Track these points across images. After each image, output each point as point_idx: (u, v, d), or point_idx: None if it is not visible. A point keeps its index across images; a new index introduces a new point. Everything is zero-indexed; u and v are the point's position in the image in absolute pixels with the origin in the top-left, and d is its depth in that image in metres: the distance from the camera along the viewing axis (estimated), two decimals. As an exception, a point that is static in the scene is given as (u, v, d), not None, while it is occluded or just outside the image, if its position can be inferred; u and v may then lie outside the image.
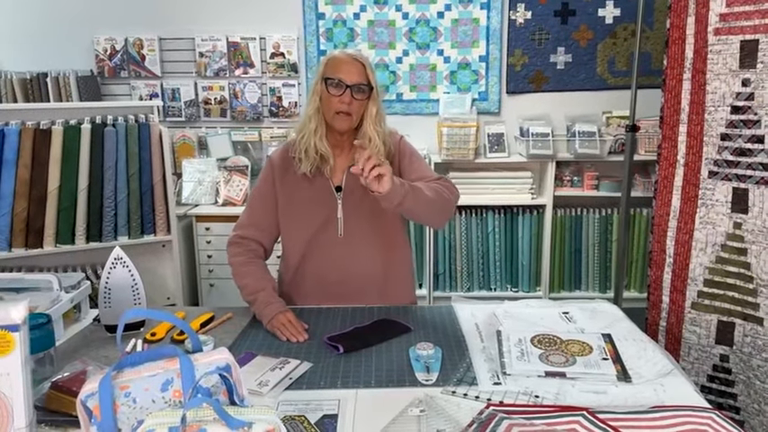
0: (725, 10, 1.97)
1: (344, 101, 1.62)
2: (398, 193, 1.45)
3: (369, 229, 1.74)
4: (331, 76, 1.64)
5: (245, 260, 1.72)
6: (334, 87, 1.63)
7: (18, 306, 0.95)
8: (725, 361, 2.10)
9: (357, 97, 1.64)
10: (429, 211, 1.59)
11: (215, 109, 3.49)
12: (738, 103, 1.97)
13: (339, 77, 1.62)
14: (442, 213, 1.64)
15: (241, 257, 1.73)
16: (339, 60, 1.66)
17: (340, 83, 1.62)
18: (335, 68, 1.64)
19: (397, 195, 1.44)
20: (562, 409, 1.17)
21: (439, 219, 1.69)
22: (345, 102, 1.62)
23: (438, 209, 1.61)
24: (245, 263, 1.72)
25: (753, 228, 1.97)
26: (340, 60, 1.66)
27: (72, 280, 1.64)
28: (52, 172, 2.45)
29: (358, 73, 1.64)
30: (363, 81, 1.65)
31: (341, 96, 1.62)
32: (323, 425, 1.13)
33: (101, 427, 0.90)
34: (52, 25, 3.41)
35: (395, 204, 1.46)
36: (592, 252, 3.35)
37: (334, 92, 1.63)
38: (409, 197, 1.48)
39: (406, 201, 1.47)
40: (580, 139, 3.15)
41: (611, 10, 3.29)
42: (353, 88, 1.62)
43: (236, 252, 1.74)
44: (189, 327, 1.06)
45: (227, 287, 3.17)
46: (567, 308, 1.69)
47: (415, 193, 1.50)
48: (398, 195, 1.45)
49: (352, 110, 1.64)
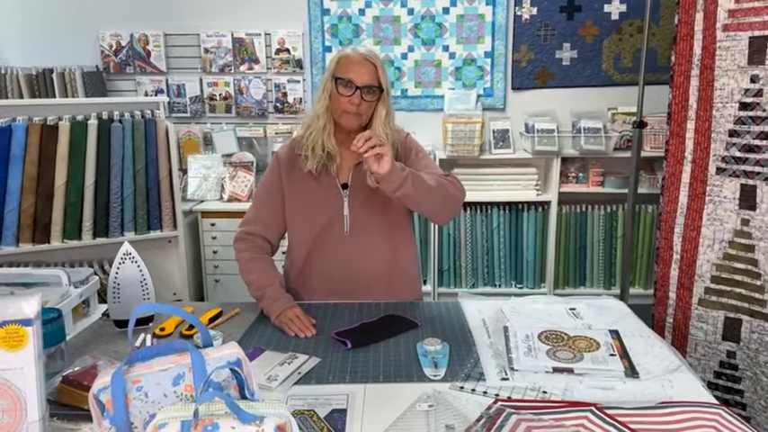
0: (733, 6, 1.96)
1: (354, 102, 1.62)
2: (399, 176, 1.46)
3: (375, 227, 1.74)
4: (341, 75, 1.62)
5: (252, 256, 1.72)
6: (344, 87, 1.62)
7: (31, 300, 0.95)
8: (732, 357, 2.09)
9: (367, 99, 1.63)
10: (431, 201, 1.59)
11: (220, 105, 3.50)
12: (747, 99, 1.96)
13: (349, 78, 1.61)
14: (445, 206, 1.63)
15: (247, 253, 1.73)
16: (351, 60, 1.64)
17: (350, 83, 1.61)
18: (347, 68, 1.63)
19: (397, 178, 1.46)
20: (570, 405, 1.17)
21: (442, 212, 1.67)
22: (355, 103, 1.62)
23: (441, 200, 1.60)
24: (252, 259, 1.72)
25: (760, 224, 1.97)
26: (351, 60, 1.64)
27: (81, 275, 1.65)
28: (59, 168, 2.46)
29: (369, 74, 1.63)
30: (374, 83, 1.63)
31: (350, 97, 1.61)
32: (332, 419, 1.14)
33: (113, 420, 0.91)
34: (57, 21, 3.42)
35: (395, 187, 1.47)
36: (597, 248, 3.35)
37: (343, 92, 1.62)
38: (409, 182, 1.49)
39: (406, 185, 1.48)
40: (585, 135, 3.14)
41: (617, 6, 3.28)
42: (363, 90, 1.61)
43: (242, 248, 1.74)
44: (200, 322, 1.07)
45: (232, 283, 3.18)
46: (574, 304, 1.69)
47: (415, 179, 1.51)
48: (399, 178, 1.46)
49: (361, 110, 1.64)
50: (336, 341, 1.46)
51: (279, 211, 1.77)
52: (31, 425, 0.95)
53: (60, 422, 1.11)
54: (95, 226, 2.56)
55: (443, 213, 1.68)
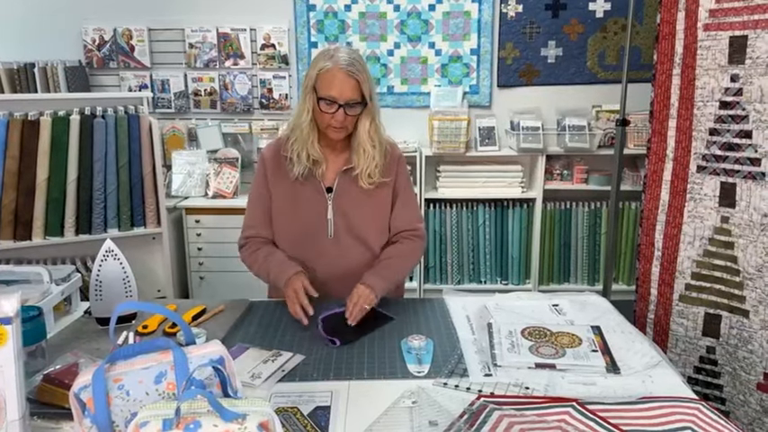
0: (714, 6, 1.98)
1: (337, 119, 1.60)
2: (382, 292, 1.63)
3: (358, 231, 1.74)
4: (323, 95, 1.58)
5: (253, 251, 1.75)
6: (327, 105, 1.59)
7: (10, 298, 0.94)
8: (711, 352, 2.13)
9: (350, 113, 1.61)
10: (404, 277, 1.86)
11: (205, 100, 3.47)
12: (727, 98, 1.99)
13: (331, 96, 1.57)
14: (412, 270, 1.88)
15: (249, 252, 1.76)
16: (332, 75, 1.57)
17: (332, 102, 1.58)
18: (329, 85, 1.57)
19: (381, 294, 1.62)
20: (552, 401, 1.18)
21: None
22: (338, 120, 1.60)
23: (410, 271, 1.86)
24: (254, 252, 1.75)
25: (740, 222, 2.00)
26: (333, 76, 1.57)
27: (62, 272, 1.63)
28: (41, 163, 2.43)
29: (351, 89, 1.58)
30: (357, 97, 1.60)
31: (333, 114, 1.59)
32: (316, 416, 1.14)
33: (94, 419, 0.90)
34: (40, 15, 3.37)
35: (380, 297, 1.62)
36: (581, 245, 3.38)
37: (326, 109, 1.59)
38: (387, 286, 1.67)
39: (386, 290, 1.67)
40: (570, 132, 3.17)
41: (602, 4, 3.30)
42: (346, 106, 1.59)
43: (245, 253, 1.78)
44: (182, 319, 1.06)
45: (217, 280, 3.16)
46: (557, 300, 1.71)
47: (393, 280, 1.71)
48: (382, 293, 1.63)
49: (345, 124, 1.63)
50: (326, 339, 1.46)
51: (271, 212, 1.77)
52: (11, 424, 0.94)
53: (41, 421, 1.10)
54: (78, 222, 2.54)
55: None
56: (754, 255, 1.96)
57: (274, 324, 1.59)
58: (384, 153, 1.71)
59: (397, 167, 1.77)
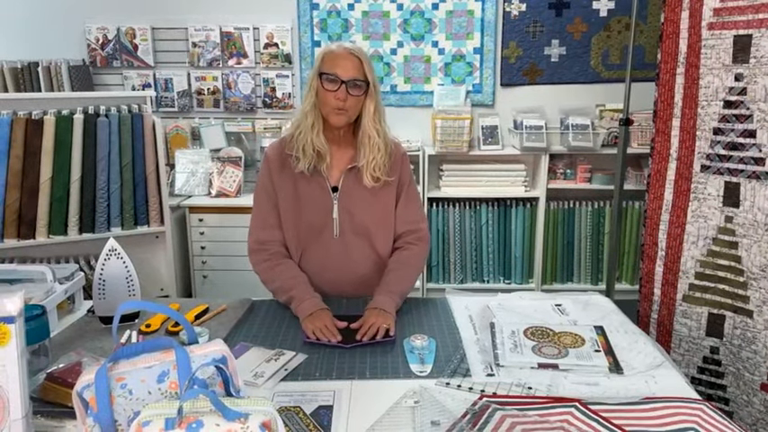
0: (719, 5, 1.97)
1: (340, 97, 1.60)
2: (396, 308, 1.62)
3: (364, 230, 1.74)
4: (326, 71, 1.61)
5: (272, 264, 1.71)
6: (330, 83, 1.60)
7: (13, 297, 0.94)
8: (715, 353, 2.12)
9: (353, 93, 1.62)
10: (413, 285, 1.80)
11: (208, 99, 3.47)
12: (731, 97, 1.98)
13: (335, 72, 1.60)
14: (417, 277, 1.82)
15: (266, 263, 1.71)
16: (335, 55, 1.63)
17: (335, 78, 1.60)
18: (332, 63, 1.62)
19: (395, 310, 1.61)
20: (555, 401, 1.18)
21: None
22: (341, 98, 1.60)
23: (417, 279, 1.79)
24: (272, 267, 1.70)
25: (744, 221, 1.99)
26: (336, 55, 1.63)
27: (66, 271, 1.64)
28: (44, 162, 2.43)
29: (354, 68, 1.61)
30: (359, 77, 1.62)
31: (336, 92, 1.60)
32: (318, 416, 1.14)
33: (97, 418, 0.90)
34: (43, 14, 3.38)
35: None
36: (584, 244, 3.37)
37: (329, 87, 1.60)
38: (400, 300, 1.66)
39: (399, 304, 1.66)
40: (573, 131, 3.16)
41: (606, 3, 3.29)
42: (349, 83, 1.60)
43: (258, 260, 1.73)
44: (185, 319, 1.06)
45: (220, 279, 3.17)
46: (560, 300, 1.71)
47: (404, 293, 1.69)
48: (396, 309, 1.62)
49: (347, 106, 1.62)
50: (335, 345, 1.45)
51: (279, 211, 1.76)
52: (14, 422, 0.94)
53: (44, 419, 1.11)
54: (81, 221, 2.54)
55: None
56: (758, 254, 1.95)
57: (277, 323, 1.59)
58: (389, 151, 1.71)
59: (401, 166, 1.77)
